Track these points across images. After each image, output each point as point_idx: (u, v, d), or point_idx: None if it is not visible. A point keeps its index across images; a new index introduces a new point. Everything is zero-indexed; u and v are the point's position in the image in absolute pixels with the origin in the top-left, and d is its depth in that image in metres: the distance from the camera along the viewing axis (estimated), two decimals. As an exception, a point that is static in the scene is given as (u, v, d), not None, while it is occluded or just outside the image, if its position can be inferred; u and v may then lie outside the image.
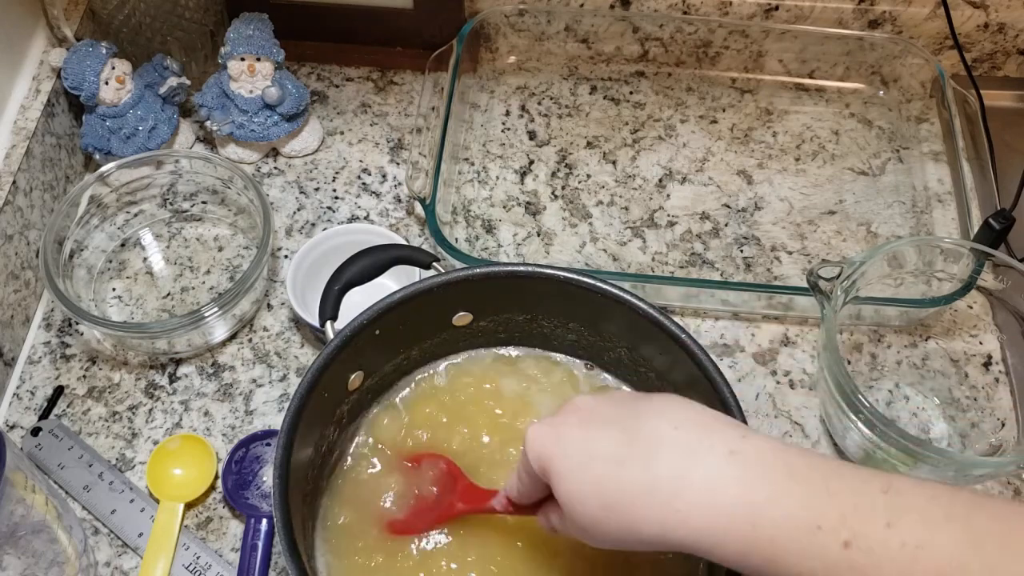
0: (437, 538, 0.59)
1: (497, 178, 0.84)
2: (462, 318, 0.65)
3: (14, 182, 0.73)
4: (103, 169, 0.76)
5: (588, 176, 0.85)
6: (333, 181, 0.84)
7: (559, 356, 0.68)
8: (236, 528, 0.67)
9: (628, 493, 0.42)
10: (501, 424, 0.64)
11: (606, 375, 0.67)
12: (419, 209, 0.81)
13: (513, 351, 0.68)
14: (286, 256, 0.80)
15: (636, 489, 0.42)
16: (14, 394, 0.72)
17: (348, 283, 0.62)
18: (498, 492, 0.55)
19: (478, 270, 0.62)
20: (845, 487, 0.40)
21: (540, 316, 0.65)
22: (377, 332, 0.60)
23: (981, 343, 0.75)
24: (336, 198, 0.83)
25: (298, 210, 0.82)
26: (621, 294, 0.60)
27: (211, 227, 0.81)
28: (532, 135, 0.87)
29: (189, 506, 0.67)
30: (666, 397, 0.46)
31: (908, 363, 0.74)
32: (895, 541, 0.38)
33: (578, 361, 0.68)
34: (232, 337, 0.75)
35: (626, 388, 0.66)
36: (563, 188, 0.84)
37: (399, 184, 0.84)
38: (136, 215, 0.80)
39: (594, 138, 0.87)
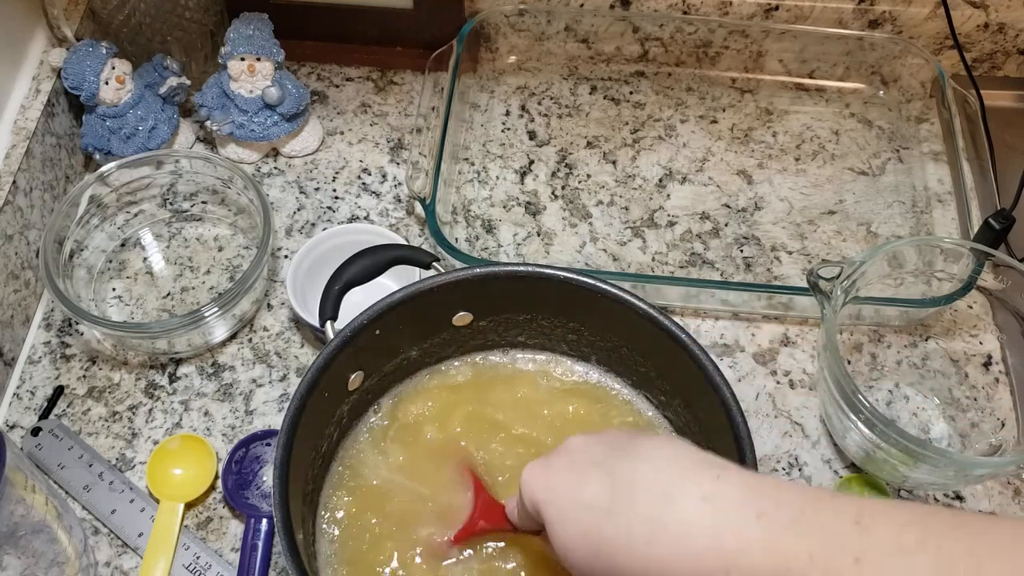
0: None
1: (497, 178, 0.84)
2: (462, 318, 0.65)
3: (14, 182, 0.73)
4: (103, 169, 0.76)
5: (588, 176, 0.85)
6: (333, 181, 0.84)
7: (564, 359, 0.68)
8: (236, 528, 0.67)
9: (610, 541, 0.43)
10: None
11: (605, 374, 0.67)
12: (419, 209, 0.81)
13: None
14: (286, 256, 0.80)
15: (618, 538, 0.43)
16: (14, 394, 0.72)
17: (348, 283, 0.62)
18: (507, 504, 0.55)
19: (478, 270, 0.62)
20: (816, 524, 0.40)
21: (540, 316, 0.65)
22: (377, 332, 0.60)
23: (981, 343, 0.75)
24: (336, 198, 0.83)
25: (298, 210, 0.82)
26: (621, 294, 0.60)
27: (211, 227, 0.81)
28: (532, 135, 0.87)
29: (189, 506, 0.67)
30: (654, 438, 0.47)
31: (908, 363, 0.74)
32: None
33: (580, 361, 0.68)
34: (232, 337, 0.75)
35: (625, 389, 0.67)
36: (563, 188, 0.84)
37: (399, 184, 0.84)
38: (136, 215, 0.80)
39: (594, 138, 0.87)
